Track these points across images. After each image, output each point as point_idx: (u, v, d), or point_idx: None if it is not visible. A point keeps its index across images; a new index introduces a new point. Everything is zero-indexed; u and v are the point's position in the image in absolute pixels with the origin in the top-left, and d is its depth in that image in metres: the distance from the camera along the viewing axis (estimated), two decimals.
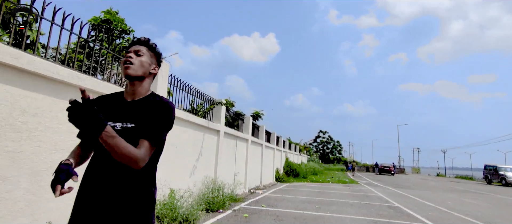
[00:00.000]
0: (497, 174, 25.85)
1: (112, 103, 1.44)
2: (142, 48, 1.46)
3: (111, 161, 1.27)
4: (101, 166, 1.33)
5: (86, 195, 1.32)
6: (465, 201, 11.12)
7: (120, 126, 1.36)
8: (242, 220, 5.51)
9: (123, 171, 1.30)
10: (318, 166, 30.19)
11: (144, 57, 1.45)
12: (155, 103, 1.40)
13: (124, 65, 1.39)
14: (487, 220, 6.95)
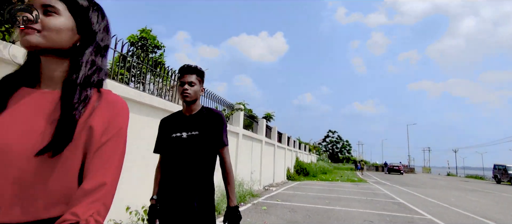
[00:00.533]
0: (507, 173, 26.00)
1: (175, 119, 1.92)
2: (193, 77, 1.85)
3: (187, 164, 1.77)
4: (178, 169, 1.78)
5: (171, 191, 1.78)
6: (469, 199, 11.67)
7: (186, 135, 1.81)
8: (262, 211, 6.32)
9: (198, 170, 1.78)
10: (328, 166, 30.81)
11: (196, 86, 1.85)
12: (209, 115, 1.87)
13: (183, 95, 1.83)
14: (484, 215, 7.58)
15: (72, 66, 0.82)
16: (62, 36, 0.80)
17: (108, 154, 0.78)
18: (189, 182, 1.76)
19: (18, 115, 0.76)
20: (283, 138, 16.44)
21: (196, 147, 1.78)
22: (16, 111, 0.77)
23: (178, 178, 1.78)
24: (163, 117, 2.01)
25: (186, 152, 1.79)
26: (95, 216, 0.71)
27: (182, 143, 1.80)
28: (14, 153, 0.71)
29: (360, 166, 36.33)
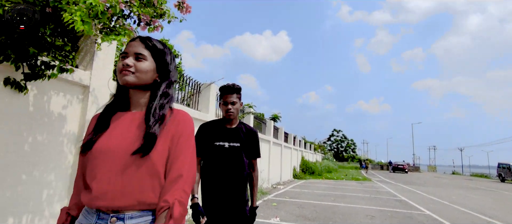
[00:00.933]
0: (511, 172, 26.23)
1: (217, 128, 2.19)
2: (234, 97, 2.16)
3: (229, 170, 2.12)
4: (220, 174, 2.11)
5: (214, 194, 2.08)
6: (470, 197, 12.11)
7: (227, 145, 2.14)
8: (272, 207, 6.88)
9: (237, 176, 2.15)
10: (333, 164, 31.25)
11: (237, 104, 2.18)
12: (250, 131, 2.27)
13: (227, 114, 2.15)
14: (482, 212, 8.05)
15: (152, 96, 1.11)
16: (148, 75, 1.10)
17: (182, 153, 1.05)
18: (236, 186, 2.12)
19: (118, 129, 1.07)
20: (289, 138, 16.98)
21: (237, 156, 2.14)
22: (117, 126, 1.08)
23: (223, 183, 2.10)
24: (203, 123, 2.25)
25: (228, 160, 2.12)
26: (178, 199, 0.97)
27: (224, 152, 2.12)
28: (118, 153, 1.00)
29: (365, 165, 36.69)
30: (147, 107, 1.10)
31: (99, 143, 1.03)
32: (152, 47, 1.12)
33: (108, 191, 0.98)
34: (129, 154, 0.99)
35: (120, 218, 0.98)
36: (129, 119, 1.09)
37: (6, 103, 2.27)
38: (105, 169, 0.99)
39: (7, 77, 2.23)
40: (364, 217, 6.25)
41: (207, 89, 5.81)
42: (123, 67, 1.07)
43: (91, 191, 0.99)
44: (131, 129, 1.05)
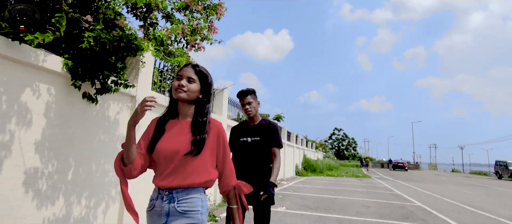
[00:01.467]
0: (507, 169, 26.90)
1: (243, 128, 2.75)
2: (248, 98, 2.64)
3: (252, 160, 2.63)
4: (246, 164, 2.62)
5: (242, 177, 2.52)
6: (462, 192, 12.82)
7: (250, 139, 2.62)
8: (279, 199, 7.63)
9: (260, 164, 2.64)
10: (334, 162, 31.97)
11: (253, 103, 2.66)
12: (268, 125, 2.68)
13: (247, 113, 2.67)
14: (469, 204, 8.77)
15: (196, 110, 1.47)
16: (195, 94, 1.45)
17: (225, 152, 1.51)
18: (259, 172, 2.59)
19: (171, 134, 1.45)
20: (292, 137, 17.71)
21: (259, 148, 2.65)
22: (170, 132, 1.45)
23: (249, 170, 2.58)
24: (233, 127, 2.85)
25: (252, 152, 2.64)
26: (238, 182, 1.54)
27: (248, 146, 2.65)
28: (172, 153, 1.39)
29: (365, 163, 37.42)
30: (193, 118, 1.47)
31: (159, 145, 1.44)
32: (199, 73, 1.48)
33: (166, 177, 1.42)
34: (182, 155, 1.39)
35: (171, 193, 1.42)
36: (179, 126, 1.47)
37: (83, 111, 3.03)
38: (166, 162, 1.42)
39: (84, 92, 2.98)
40: (360, 207, 6.99)
41: (220, 94, 6.55)
42: (179, 86, 1.42)
43: (157, 175, 1.47)
44: (182, 135, 1.44)
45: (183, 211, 1.39)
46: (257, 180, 2.49)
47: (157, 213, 1.42)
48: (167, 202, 1.40)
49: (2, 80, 2.25)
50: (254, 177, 2.51)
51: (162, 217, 1.40)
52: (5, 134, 2.27)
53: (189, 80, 1.44)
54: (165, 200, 1.40)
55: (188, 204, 1.40)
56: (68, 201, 2.86)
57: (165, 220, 1.40)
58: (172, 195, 1.40)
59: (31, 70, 2.48)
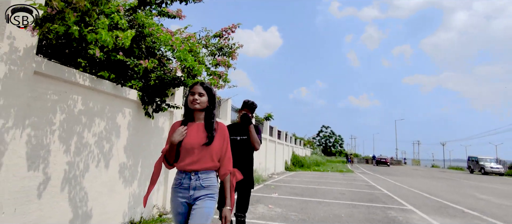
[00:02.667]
0: (478, 164, 29.40)
1: (235, 127, 3.27)
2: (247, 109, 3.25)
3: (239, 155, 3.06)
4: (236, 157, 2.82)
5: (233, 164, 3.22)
6: (429, 183, 14.76)
7: (239, 138, 3.17)
8: (271, 189, 9.25)
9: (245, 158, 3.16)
10: (321, 159, 33.86)
11: (249, 114, 3.25)
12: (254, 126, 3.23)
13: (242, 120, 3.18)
14: (428, 192, 10.58)
15: (206, 114, 2.06)
16: (204, 104, 2.03)
17: (227, 145, 2.09)
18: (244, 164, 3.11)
19: (191, 132, 2.00)
20: (282, 135, 19.38)
21: (245, 145, 3.17)
22: (190, 131, 2.01)
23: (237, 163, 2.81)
24: (227, 125, 3.25)
25: (240, 148, 3.13)
26: (233, 169, 2.11)
27: (237, 143, 3.13)
28: (194, 145, 1.98)
29: (350, 159, 39.59)
30: (205, 121, 2.08)
31: (185, 140, 2.00)
32: (206, 88, 2.08)
33: (192, 162, 1.98)
34: (200, 145, 1.98)
35: (196, 174, 1.99)
36: (196, 127, 2.06)
37: (145, 123, 4.54)
38: (189, 152, 1.99)
39: (146, 111, 4.48)
40: (337, 194, 8.69)
41: (225, 103, 8.09)
42: (193, 100, 2.02)
43: (184, 162, 1.99)
44: (198, 132, 2.03)
45: (206, 186, 2.01)
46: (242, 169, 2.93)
47: (184, 187, 2.00)
48: (194, 179, 1.99)
49: (109, 108, 3.76)
50: (240, 167, 2.96)
51: (190, 190, 1.99)
52: (110, 142, 3.78)
53: (200, 95, 2.04)
54: (193, 178, 1.99)
55: (209, 181, 2.03)
56: (140, 182, 4.39)
57: (193, 192, 1.98)
58: (197, 175, 2.00)
59: (122, 101, 3.99)
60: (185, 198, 1.99)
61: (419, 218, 5.77)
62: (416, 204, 7.57)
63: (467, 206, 7.65)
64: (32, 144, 2.74)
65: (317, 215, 5.56)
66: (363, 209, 6.47)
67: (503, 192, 11.86)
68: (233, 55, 4.85)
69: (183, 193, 1.98)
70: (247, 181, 3.10)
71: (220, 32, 4.66)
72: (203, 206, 1.94)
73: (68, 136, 3.14)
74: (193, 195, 1.97)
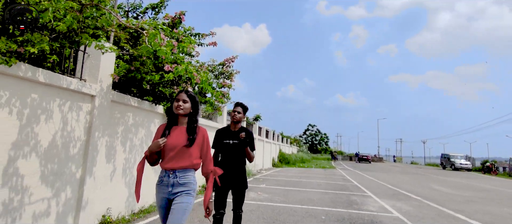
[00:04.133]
0: (449, 161, 31.96)
1: (226, 132, 3.35)
2: (240, 109, 3.31)
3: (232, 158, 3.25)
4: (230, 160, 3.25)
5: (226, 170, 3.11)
6: (399, 177, 16.73)
7: (231, 142, 3.26)
8: (260, 181, 10.90)
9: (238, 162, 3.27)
10: (306, 156, 35.77)
11: (241, 114, 3.32)
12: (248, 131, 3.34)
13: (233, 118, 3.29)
14: (393, 184, 12.43)
15: (189, 120, 2.27)
16: (187, 110, 2.24)
17: (207, 147, 2.32)
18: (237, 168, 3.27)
19: (174, 134, 2.22)
20: (270, 135, 21.07)
21: (238, 149, 3.26)
22: (173, 133, 2.23)
23: (230, 166, 3.23)
24: (217, 129, 3.46)
25: (232, 152, 3.26)
26: (213, 168, 2.33)
27: (229, 147, 3.26)
28: (177, 146, 2.18)
29: (334, 156, 41.77)
30: (187, 125, 2.29)
31: (168, 141, 2.19)
32: (190, 96, 2.28)
33: (171, 162, 2.18)
34: (181, 146, 2.17)
35: (174, 172, 2.17)
36: (178, 130, 2.26)
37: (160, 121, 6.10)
38: (170, 152, 2.18)
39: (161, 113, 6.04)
40: (315, 185, 10.44)
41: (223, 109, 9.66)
42: (178, 106, 2.22)
43: (165, 161, 2.19)
44: (181, 135, 2.23)
45: (183, 183, 2.17)
46: (235, 172, 3.25)
47: (164, 184, 2.19)
48: (172, 177, 2.17)
49: (146, 120, 5.31)
50: (233, 170, 3.22)
51: (169, 187, 2.17)
52: (147, 144, 5.32)
53: (184, 101, 2.23)
54: (171, 176, 2.17)
55: (186, 178, 2.19)
56: None
57: (171, 189, 2.17)
58: (175, 173, 2.17)
59: (154, 114, 5.53)
60: (165, 194, 2.21)
61: (373, 201, 7.54)
62: (376, 192, 9.39)
63: (417, 193, 9.51)
64: (108, 146, 4.28)
65: (295, 199, 7.24)
66: (332, 195, 8.21)
67: (456, 184, 13.91)
68: (232, 78, 6.44)
69: (163, 189, 2.21)
70: (241, 182, 3.26)
71: (223, 61, 6.24)
72: (181, 202, 2.15)
73: (125, 141, 4.68)
74: (171, 191, 2.18)
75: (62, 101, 3.48)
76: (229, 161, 3.24)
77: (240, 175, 3.25)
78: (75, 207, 3.74)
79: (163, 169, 2.22)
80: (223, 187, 3.16)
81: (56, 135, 3.41)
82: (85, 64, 3.92)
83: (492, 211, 7.06)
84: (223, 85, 6.13)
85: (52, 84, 3.27)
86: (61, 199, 3.51)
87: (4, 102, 2.81)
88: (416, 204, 7.49)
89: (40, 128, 3.20)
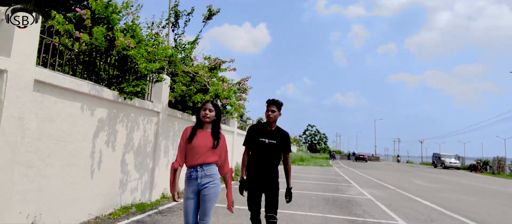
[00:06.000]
0: (440, 159, 33.91)
1: (261, 129, 3.21)
2: (274, 107, 3.17)
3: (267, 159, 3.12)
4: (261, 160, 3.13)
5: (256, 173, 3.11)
6: (386, 174, 18.65)
7: (267, 141, 3.12)
8: None
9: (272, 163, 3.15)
10: (306, 155, 37.67)
11: (276, 113, 3.18)
12: (283, 133, 3.24)
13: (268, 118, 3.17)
14: (379, 179, 14.34)
15: (213, 126, 2.76)
16: (212, 118, 2.73)
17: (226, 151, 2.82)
18: (270, 169, 3.15)
19: (201, 137, 2.70)
20: None
21: (273, 150, 3.16)
22: (200, 135, 2.71)
23: (263, 166, 3.14)
24: (251, 125, 3.39)
25: (267, 152, 3.14)
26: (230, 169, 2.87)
27: (265, 146, 3.13)
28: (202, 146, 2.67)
29: (333, 155, 43.70)
30: (212, 130, 2.73)
31: (193, 142, 2.61)
32: (215, 106, 2.73)
33: (199, 159, 2.61)
34: (208, 147, 2.63)
35: (202, 167, 2.59)
36: (204, 133, 2.70)
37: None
38: (198, 151, 2.61)
39: None
40: (311, 178, 12.39)
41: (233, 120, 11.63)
42: (205, 114, 2.66)
43: (193, 159, 2.60)
44: (207, 138, 2.67)
45: (210, 174, 2.63)
46: (268, 173, 3.16)
47: (193, 178, 2.62)
48: (200, 171, 2.61)
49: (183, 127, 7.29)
50: (265, 171, 3.14)
51: (198, 179, 2.61)
52: None
53: (210, 110, 2.70)
54: (199, 170, 2.61)
55: (211, 171, 2.65)
56: None
57: (200, 180, 2.60)
58: (202, 167, 2.63)
59: (192, 123, 7.49)
60: (195, 186, 2.59)
61: (355, 189, 9.50)
62: (360, 184, 11.36)
63: (395, 185, 11.46)
64: (165, 146, 6.24)
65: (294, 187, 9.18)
66: (324, 184, 10.18)
67: (435, 179, 15.87)
68: (246, 92, 8.41)
69: (193, 182, 2.60)
70: (273, 183, 3.15)
71: (240, 80, 8.21)
72: (210, 192, 2.59)
73: (173, 142, 6.64)
74: (200, 183, 2.58)
75: (143, 117, 5.44)
76: (263, 161, 3.14)
77: (273, 177, 3.15)
78: (149, 186, 5.70)
79: (190, 166, 2.65)
80: (256, 189, 3.13)
81: (141, 138, 5.37)
82: (153, 90, 5.88)
83: (445, 196, 9.02)
84: (239, 98, 8.08)
85: (141, 107, 5.23)
86: (142, 180, 5.48)
87: (119, 120, 4.77)
88: (389, 191, 9.44)
89: (134, 134, 5.17)
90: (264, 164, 3.12)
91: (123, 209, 4.78)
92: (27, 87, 3.15)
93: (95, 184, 4.28)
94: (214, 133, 2.70)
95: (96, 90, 4.13)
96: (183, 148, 2.68)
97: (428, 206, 7.12)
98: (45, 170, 3.47)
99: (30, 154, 3.27)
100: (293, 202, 6.74)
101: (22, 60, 3.09)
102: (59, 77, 3.54)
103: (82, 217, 4.07)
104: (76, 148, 3.92)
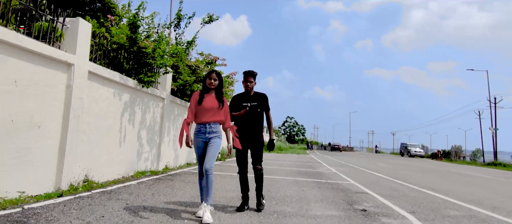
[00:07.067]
0: (406, 149, 36.97)
1: (243, 96, 3.80)
2: (252, 79, 3.73)
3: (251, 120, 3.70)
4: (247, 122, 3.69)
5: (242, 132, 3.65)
6: (355, 159, 20.72)
7: (250, 104, 3.71)
8: None
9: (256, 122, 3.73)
10: (284, 145, 39.47)
11: (254, 82, 3.76)
12: (261, 94, 3.82)
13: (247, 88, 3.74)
14: (348, 162, 16.25)
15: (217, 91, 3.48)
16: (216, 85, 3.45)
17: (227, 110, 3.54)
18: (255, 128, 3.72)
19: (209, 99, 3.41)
20: None
21: (256, 110, 3.71)
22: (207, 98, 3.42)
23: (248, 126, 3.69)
24: (235, 95, 3.92)
25: (251, 113, 3.69)
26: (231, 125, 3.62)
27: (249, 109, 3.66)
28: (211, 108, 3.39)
29: (310, 146, 45.97)
30: (216, 94, 3.44)
31: (203, 104, 3.32)
32: (218, 76, 3.45)
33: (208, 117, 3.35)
34: (215, 108, 3.37)
35: (210, 124, 3.33)
36: (211, 97, 3.41)
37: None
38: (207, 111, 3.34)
39: None
40: (288, 161, 14.03)
41: None
42: (211, 82, 3.37)
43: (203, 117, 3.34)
44: (213, 100, 3.38)
45: (215, 131, 3.31)
46: (253, 132, 3.71)
47: (202, 132, 3.30)
48: (208, 127, 3.30)
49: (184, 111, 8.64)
50: (250, 130, 3.69)
51: (206, 133, 3.29)
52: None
53: (214, 79, 3.38)
54: (207, 127, 3.30)
55: (216, 128, 3.32)
56: None
57: (207, 135, 3.29)
58: (210, 124, 3.31)
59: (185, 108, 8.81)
60: (203, 138, 3.30)
61: (324, 167, 11.23)
62: (329, 164, 13.15)
63: (359, 166, 13.33)
64: (167, 126, 7.54)
65: (274, 164, 10.75)
66: (299, 164, 11.87)
67: (398, 164, 18.05)
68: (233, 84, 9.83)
69: (202, 136, 3.31)
70: (257, 141, 3.69)
71: (229, 74, 9.61)
72: (215, 142, 3.29)
73: (174, 123, 7.94)
74: (207, 136, 3.29)
75: (153, 101, 6.72)
76: (248, 122, 3.69)
77: (256, 135, 3.70)
78: (157, 158, 7.02)
79: (199, 123, 3.31)
80: (242, 147, 3.62)
81: (151, 119, 6.66)
82: (159, 80, 7.14)
83: (396, 172, 10.94)
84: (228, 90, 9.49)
85: (152, 94, 6.51)
86: (152, 152, 6.79)
87: (137, 103, 6.05)
88: (351, 168, 11.25)
89: (146, 116, 6.45)
90: (249, 124, 3.69)
91: (140, 173, 6.09)
92: (84, 76, 4.40)
93: (121, 152, 5.56)
94: (218, 97, 3.39)
95: (124, 79, 5.39)
96: (193, 109, 3.33)
97: (379, 176, 8.92)
98: (93, 138, 4.74)
99: (85, 125, 4.53)
100: (272, 172, 8.30)
101: (82, 56, 4.34)
102: (101, 69, 4.80)
103: (114, 176, 5.36)
104: (110, 124, 5.19)
